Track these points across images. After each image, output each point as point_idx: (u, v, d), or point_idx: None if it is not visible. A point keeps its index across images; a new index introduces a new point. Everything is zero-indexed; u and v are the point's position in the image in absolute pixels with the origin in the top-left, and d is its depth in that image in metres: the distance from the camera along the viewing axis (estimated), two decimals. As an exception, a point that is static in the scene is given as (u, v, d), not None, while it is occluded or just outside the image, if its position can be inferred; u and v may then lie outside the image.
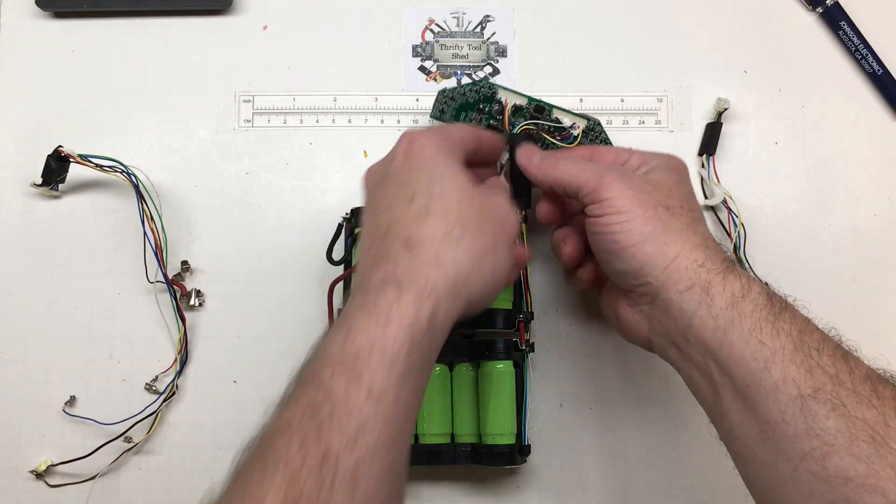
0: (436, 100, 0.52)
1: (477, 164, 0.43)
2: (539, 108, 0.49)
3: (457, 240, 0.35)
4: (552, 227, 0.47)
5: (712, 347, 0.36)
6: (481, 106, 0.52)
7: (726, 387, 0.36)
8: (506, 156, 0.47)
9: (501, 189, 0.42)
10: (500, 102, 0.51)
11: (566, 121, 0.51)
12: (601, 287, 0.46)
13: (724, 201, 0.52)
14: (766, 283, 0.38)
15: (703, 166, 0.53)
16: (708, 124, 0.53)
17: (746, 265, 0.51)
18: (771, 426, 0.34)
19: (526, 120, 0.51)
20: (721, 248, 0.40)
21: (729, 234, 0.51)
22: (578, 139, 0.51)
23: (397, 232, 0.36)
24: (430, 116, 0.53)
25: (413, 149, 0.38)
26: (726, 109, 0.52)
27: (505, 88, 0.52)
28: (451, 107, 0.52)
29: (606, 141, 0.52)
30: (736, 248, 0.51)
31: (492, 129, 0.52)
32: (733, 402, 0.36)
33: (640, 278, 0.39)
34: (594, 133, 0.52)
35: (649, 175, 0.41)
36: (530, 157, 0.44)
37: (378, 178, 0.39)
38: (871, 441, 0.32)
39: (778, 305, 0.37)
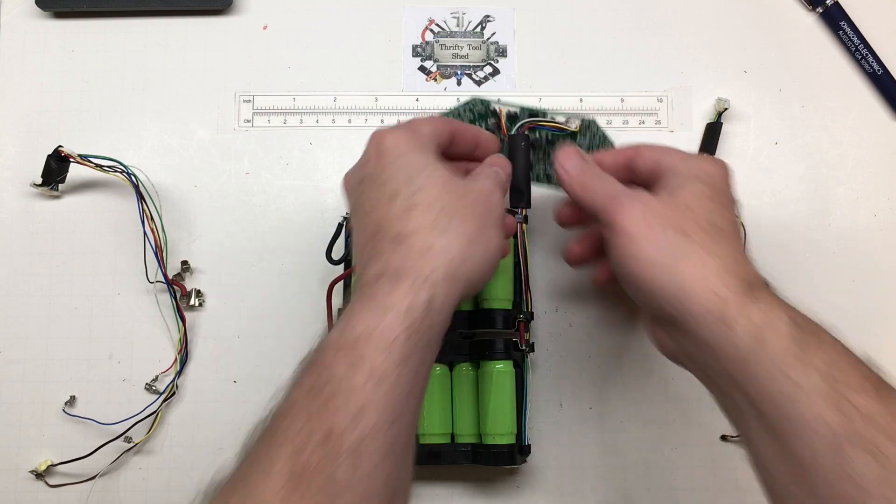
0: None
1: (457, 157, 0.43)
2: (533, 114, 0.50)
3: (444, 229, 0.36)
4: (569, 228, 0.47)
5: (737, 379, 0.34)
6: (478, 125, 0.52)
7: (754, 418, 0.34)
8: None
9: (483, 176, 0.40)
10: (495, 113, 0.51)
11: (560, 118, 0.51)
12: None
13: None
14: (793, 308, 0.35)
15: None
16: (708, 124, 0.53)
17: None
18: (804, 466, 0.32)
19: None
20: (748, 267, 0.37)
21: None
22: (577, 137, 0.52)
23: (385, 230, 0.36)
24: None
25: (384, 148, 0.38)
26: (726, 109, 0.52)
27: (496, 104, 0.52)
28: None
29: (604, 137, 0.52)
30: None
31: None
32: (763, 435, 0.34)
33: (653, 304, 0.37)
34: (591, 131, 0.52)
35: (674, 191, 0.39)
36: (568, 166, 0.42)
37: (355, 182, 0.40)
38: None
39: (807, 332, 0.34)
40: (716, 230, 0.37)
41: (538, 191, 0.53)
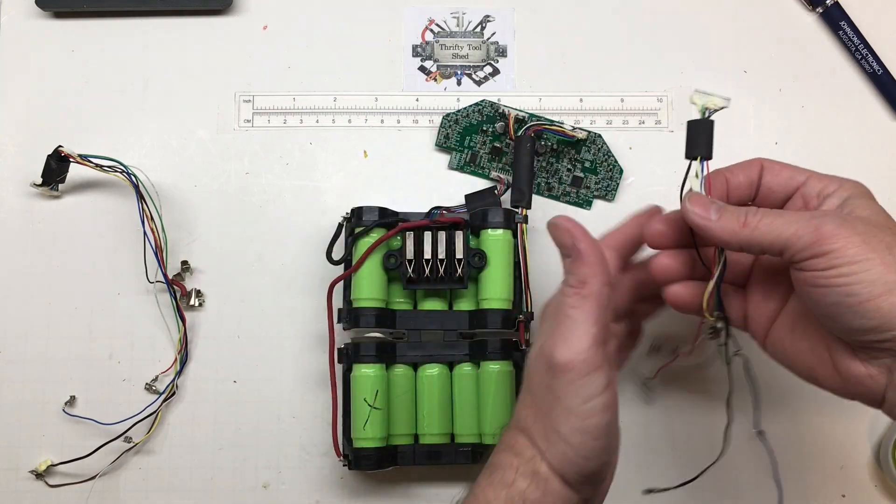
0: (440, 126, 0.52)
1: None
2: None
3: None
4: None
5: None
6: (485, 127, 0.52)
7: None
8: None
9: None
10: (503, 115, 0.52)
11: (568, 126, 0.52)
12: (763, 328, 0.41)
13: None
14: None
15: (696, 175, 0.43)
16: (692, 122, 0.45)
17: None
18: None
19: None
20: None
21: None
22: (581, 147, 0.52)
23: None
24: (435, 144, 0.53)
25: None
26: (724, 108, 0.49)
27: (505, 106, 0.52)
28: (455, 131, 0.52)
29: (608, 153, 0.52)
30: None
31: (495, 149, 0.52)
32: None
33: (885, 332, 0.35)
34: (595, 146, 0.52)
35: (854, 211, 0.37)
36: (707, 211, 0.38)
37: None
38: None
39: None
40: None
41: (537, 196, 0.53)
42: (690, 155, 0.41)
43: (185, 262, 0.51)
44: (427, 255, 0.48)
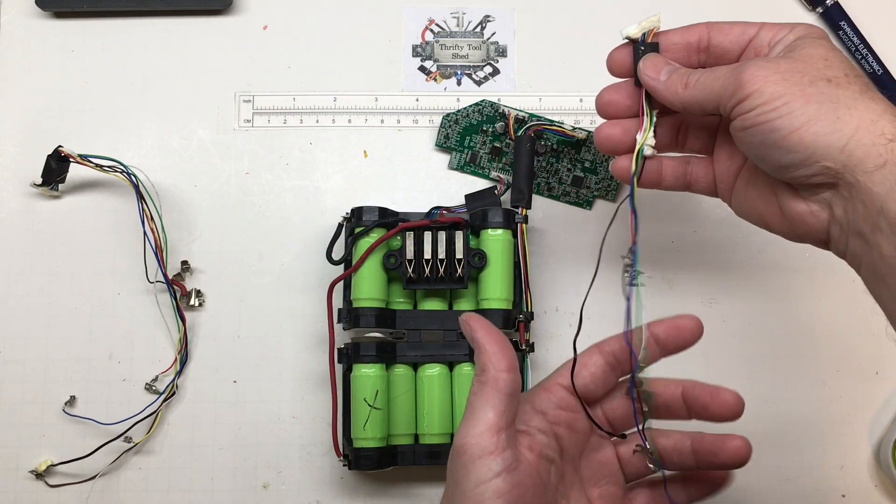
0: (440, 126, 0.52)
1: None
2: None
3: None
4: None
5: None
6: (485, 127, 0.52)
7: None
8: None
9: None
10: (503, 115, 0.52)
11: (568, 126, 0.52)
12: (729, 186, 0.42)
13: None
14: None
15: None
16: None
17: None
18: None
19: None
20: None
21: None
22: (581, 148, 0.52)
23: None
24: (435, 144, 0.53)
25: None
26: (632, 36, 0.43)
27: (505, 106, 0.52)
28: (455, 131, 0.52)
29: None
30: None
31: (495, 149, 0.52)
32: None
33: (813, 165, 0.34)
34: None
35: (795, 52, 0.37)
36: (657, 72, 0.40)
37: None
38: None
39: None
40: (861, 79, 0.35)
41: (537, 196, 0.53)
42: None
43: (185, 262, 0.51)
44: (427, 255, 0.48)
